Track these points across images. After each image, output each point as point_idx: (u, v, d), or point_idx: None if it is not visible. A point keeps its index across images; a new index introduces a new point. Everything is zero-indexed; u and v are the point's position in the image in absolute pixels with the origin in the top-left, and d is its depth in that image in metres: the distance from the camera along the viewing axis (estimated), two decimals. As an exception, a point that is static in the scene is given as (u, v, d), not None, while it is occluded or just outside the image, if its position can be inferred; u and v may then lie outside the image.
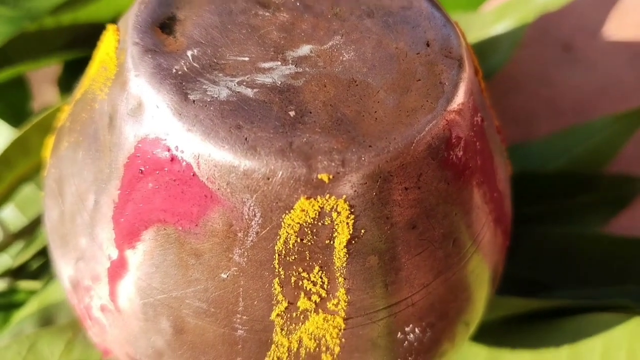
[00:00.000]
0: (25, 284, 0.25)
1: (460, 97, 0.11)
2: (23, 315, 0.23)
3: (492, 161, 0.13)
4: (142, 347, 0.12)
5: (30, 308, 0.23)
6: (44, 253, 0.26)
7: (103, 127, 0.12)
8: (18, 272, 0.25)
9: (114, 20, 0.32)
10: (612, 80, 0.33)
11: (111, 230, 0.12)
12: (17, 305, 0.24)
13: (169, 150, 0.10)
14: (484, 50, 0.27)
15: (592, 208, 0.27)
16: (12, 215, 0.26)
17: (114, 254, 0.12)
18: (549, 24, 0.35)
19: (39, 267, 0.26)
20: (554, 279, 0.25)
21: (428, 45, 0.12)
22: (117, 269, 0.12)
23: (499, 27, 0.27)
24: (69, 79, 0.30)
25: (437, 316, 0.13)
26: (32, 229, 0.25)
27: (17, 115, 0.27)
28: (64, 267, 0.13)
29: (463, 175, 0.12)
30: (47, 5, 0.24)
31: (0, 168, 0.21)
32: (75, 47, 0.30)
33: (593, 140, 0.27)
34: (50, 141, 0.16)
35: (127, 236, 0.11)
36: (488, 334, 0.21)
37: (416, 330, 0.12)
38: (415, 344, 0.13)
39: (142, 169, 0.11)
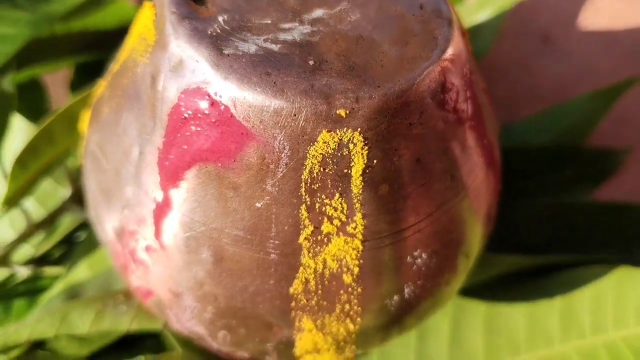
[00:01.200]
0: (49, 270, 0.26)
1: (451, 49, 0.13)
2: (49, 296, 0.25)
3: (481, 111, 0.15)
4: (184, 279, 0.14)
5: (55, 290, 0.25)
6: (65, 242, 0.28)
7: (146, 87, 0.14)
8: (40, 261, 0.27)
9: (120, 28, 0.34)
10: (588, 67, 0.35)
11: (156, 174, 0.13)
12: (41, 290, 0.26)
13: (209, 96, 0.12)
14: (472, 34, 0.29)
15: (577, 180, 0.29)
16: (33, 208, 0.27)
17: (159, 196, 0.13)
18: (528, 17, 0.38)
19: (61, 256, 0.27)
20: (545, 246, 0.27)
21: (422, 8, 0.14)
22: (162, 209, 0.13)
23: (481, 16, 0.29)
24: (80, 81, 0.32)
25: (440, 244, 0.15)
26: (52, 219, 0.27)
27: (35, 114, 0.28)
28: (107, 221, 0.15)
29: (457, 116, 0.14)
30: (62, 9, 0.26)
31: (27, 157, 0.23)
32: (85, 51, 0.32)
33: (572, 117, 0.29)
34: (86, 116, 0.18)
35: (171, 177, 0.13)
36: (486, 291, 0.23)
37: (423, 255, 0.14)
38: (422, 268, 0.14)
39: (186, 115, 0.13)
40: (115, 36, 0.33)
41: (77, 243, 0.27)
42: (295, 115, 0.12)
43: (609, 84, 0.29)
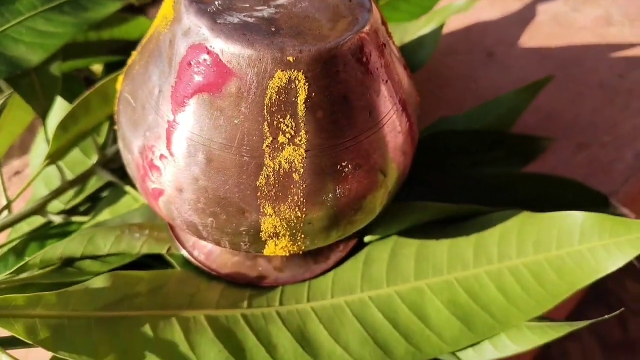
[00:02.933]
0: (77, 219, 0.33)
1: (367, 27, 0.20)
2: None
3: (394, 74, 0.22)
4: (185, 177, 0.21)
5: (82, 229, 0.31)
6: (90, 199, 0.34)
7: (165, 48, 0.21)
8: (70, 212, 0.33)
9: (140, 38, 0.41)
10: (524, 78, 0.43)
11: (169, 103, 0.20)
12: (70, 233, 0.32)
13: (206, 49, 0.19)
14: (415, 46, 0.36)
15: (505, 161, 0.36)
16: (65, 171, 0.34)
17: (171, 118, 0.20)
18: (476, 37, 0.45)
19: (87, 209, 0.34)
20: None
21: (350, 1, 0.21)
22: (172, 127, 0.20)
23: (425, 29, 0.36)
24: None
25: (362, 160, 0.21)
26: (82, 179, 0.33)
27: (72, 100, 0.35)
28: (134, 143, 0.22)
29: (372, 72, 0.21)
30: (98, 17, 0.33)
31: (67, 122, 0.30)
32: (112, 54, 0.39)
33: (500, 109, 0.36)
34: (120, 78, 0.25)
35: (179, 104, 0.20)
36: (419, 232, 0.29)
37: (349, 166, 0.21)
38: (349, 176, 0.21)
39: (191, 62, 0.19)
40: (135, 45, 0.41)
41: (100, 199, 0.34)
42: (260, 60, 0.19)
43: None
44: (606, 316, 0.24)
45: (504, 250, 0.28)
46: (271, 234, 0.22)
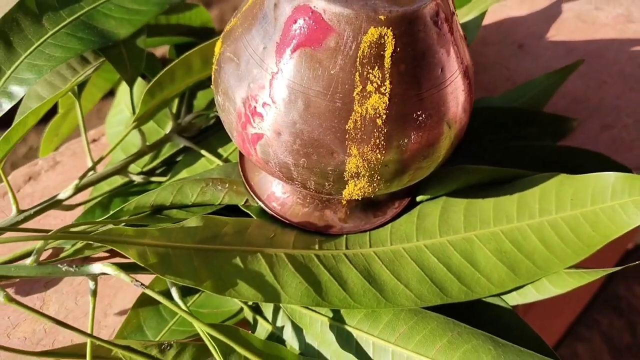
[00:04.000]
0: (155, 178, 0.36)
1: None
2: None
3: (460, 42, 0.26)
4: (284, 121, 0.24)
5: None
6: (165, 163, 0.38)
7: (270, 9, 0.24)
8: (149, 173, 0.37)
9: (199, 25, 0.45)
10: (552, 67, 0.46)
11: (274, 57, 0.24)
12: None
13: (310, 9, 0.23)
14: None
15: (538, 137, 0.39)
16: (140, 140, 0.37)
17: (275, 70, 0.24)
18: (508, 31, 0.49)
19: (162, 171, 0.37)
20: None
21: (425, -25, 0.25)
22: (275, 77, 0.24)
23: (468, 17, 0.40)
24: (176, 55, 0.43)
25: (433, 110, 0.25)
26: (160, 144, 0.37)
27: (153, 74, 0.39)
28: (237, 95, 0.25)
29: (444, 34, 0.24)
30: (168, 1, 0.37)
31: (154, 89, 0.33)
32: (177, 36, 0.43)
33: (533, 91, 0.39)
34: (218, 46, 0.28)
35: (283, 57, 0.24)
36: (468, 192, 0.33)
37: (423, 115, 0.24)
38: (422, 124, 0.25)
39: (297, 19, 0.23)
40: (198, 31, 0.45)
41: (175, 163, 0.37)
42: (357, 18, 0.23)
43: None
44: None
45: (544, 206, 0.31)
46: (353, 174, 0.25)
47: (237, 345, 0.24)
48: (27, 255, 0.32)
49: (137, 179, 0.36)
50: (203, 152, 0.36)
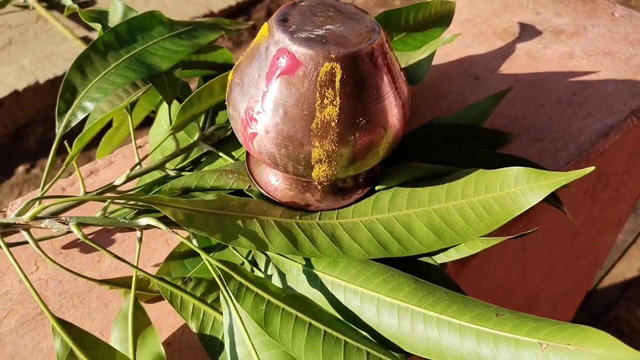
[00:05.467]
0: (185, 173, 0.49)
1: (376, 42, 0.36)
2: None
3: (393, 72, 0.38)
4: (271, 123, 0.36)
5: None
6: (192, 163, 0.50)
7: (263, 51, 0.37)
8: (180, 170, 0.49)
9: (223, 62, 0.60)
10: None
11: (265, 80, 0.36)
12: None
13: (287, 50, 0.35)
14: (417, 66, 0.52)
15: (481, 147, 0.50)
16: (174, 145, 0.50)
17: (265, 89, 0.36)
18: (468, 66, 0.61)
19: (190, 169, 0.50)
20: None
21: (367, 27, 0.37)
22: (265, 94, 0.36)
23: (423, 55, 0.52)
24: (204, 83, 0.55)
25: (371, 118, 0.37)
26: (189, 148, 0.50)
27: (185, 96, 0.52)
28: (241, 106, 0.38)
29: (378, 67, 0.36)
30: (203, 43, 0.50)
31: (186, 106, 0.46)
32: (206, 70, 0.57)
33: (475, 111, 0.51)
34: (230, 75, 0.41)
35: (270, 81, 0.36)
36: (413, 183, 0.44)
37: (364, 120, 0.36)
38: (364, 127, 0.36)
39: (279, 57, 0.36)
40: (221, 66, 0.58)
41: (200, 163, 0.50)
42: (317, 56, 0.35)
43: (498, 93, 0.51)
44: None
45: (465, 192, 0.42)
46: (317, 160, 0.37)
47: (234, 273, 0.36)
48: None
49: (172, 173, 0.48)
50: (221, 154, 0.48)
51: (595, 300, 1.74)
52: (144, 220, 0.38)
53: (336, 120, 0.36)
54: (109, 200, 0.38)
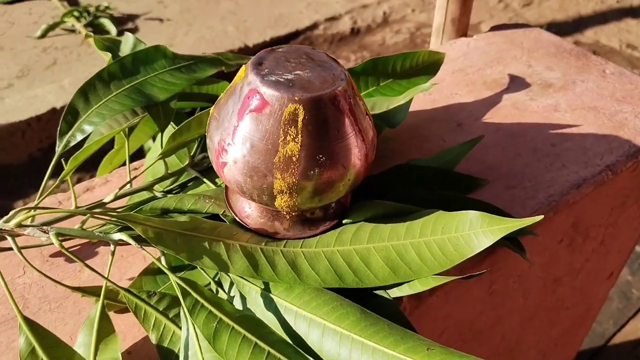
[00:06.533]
0: (171, 195, 0.52)
1: (339, 89, 0.40)
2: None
3: (357, 116, 0.41)
4: (239, 154, 0.40)
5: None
6: (180, 187, 0.54)
7: (238, 90, 0.41)
8: (167, 192, 0.53)
9: (217, 96, 0.64)
10: (482, 141, 0.60)
11: (237, 117, 0.40)
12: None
13: (257, 91, 0.39)
14: (397, 110, 0.55)
15: (454, 190, 0.53)
16: (168, 166, 0.54)
17: (236, 124, 0.40)
18: (453, 112, 0.64)
19: (177, 192, 0.54)
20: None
21: (334, 75, 0.41)
22: (236, 128, 0.40)
23: (403, 101, 0.55)
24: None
25: (332, 155, 0.40)
26: (178, 173, 0.53)
27: (179, 124, 0.56)
28: (215, 138, 0.41)
29: (340, 110, 0.40)
30: (202, 76, 0.55)
31: (177, 134, 0.50)
32: (204, 102, 0.61)
33: (449, 156, 0.53)
34: (212, 110, 0.45)
35: (241, 117, 0.40)
36: (375, 220, 0.46)
37: (324, 157, 0.39)
38: (324, 163, 0.40)
39: (249, 97, 0.39)
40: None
41: (187, 187, 0.53)
42: (282, 98, 0.38)
43: (473, 141, 0.54)
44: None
45: (423, 231, 0.44)
46: (279, 191, 0.40)
47: (192, 290, 0.39)
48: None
49: (159, 195, 0.52)
50: (205, 180, 0.52)
51: (606, 356, 1.71)
52: (117, 235, 0.42)
53: (297, 156, 0.39)
54: (89, 214, 0.41)
